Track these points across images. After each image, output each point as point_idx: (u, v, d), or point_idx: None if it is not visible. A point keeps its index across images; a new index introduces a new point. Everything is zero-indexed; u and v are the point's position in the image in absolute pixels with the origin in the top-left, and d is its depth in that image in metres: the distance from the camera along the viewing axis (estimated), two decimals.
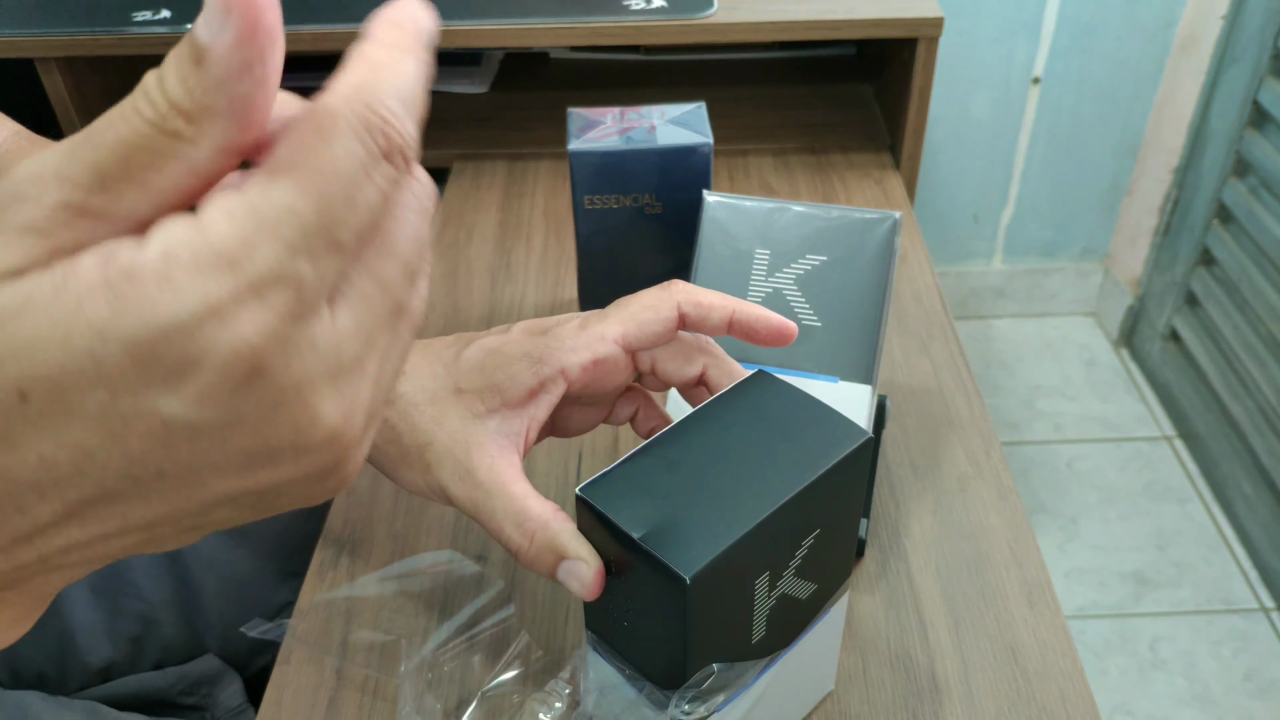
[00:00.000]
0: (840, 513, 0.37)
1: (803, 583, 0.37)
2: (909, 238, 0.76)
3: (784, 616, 0.37)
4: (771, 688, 0.39)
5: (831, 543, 0.37)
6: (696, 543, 0.32)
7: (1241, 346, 1.39)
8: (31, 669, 0.56)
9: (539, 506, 0.36)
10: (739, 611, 0.35)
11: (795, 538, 0.35)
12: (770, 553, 0.34)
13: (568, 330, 0.39)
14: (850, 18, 0.82)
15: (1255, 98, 1.34)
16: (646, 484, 0.34)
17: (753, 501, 0.33)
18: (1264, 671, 1.24)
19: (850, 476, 0.36)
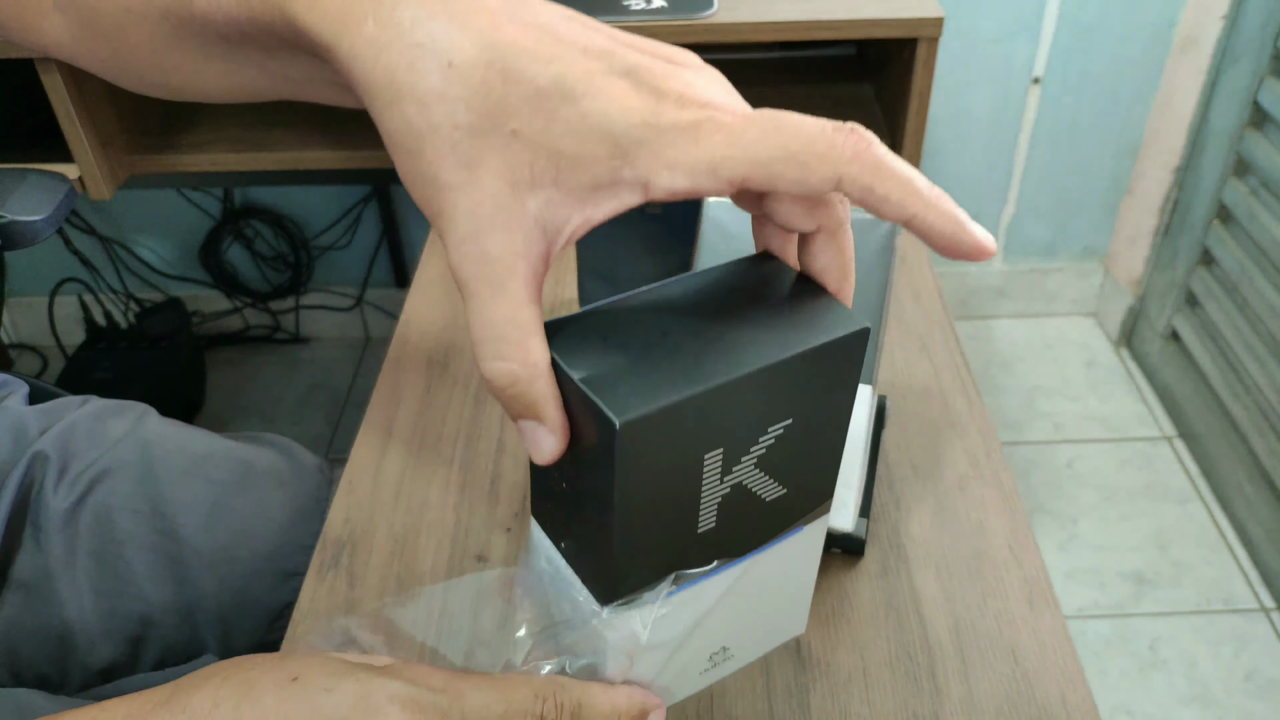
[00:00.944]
0: (821, 411, 0.33)
1: (767, 480, 0.33)
2: (909, 238, 0.76)
3: (740, 515, 0.33)
4: (726, 602, 0.36)
5: (807, 445, 0.33)
6: (641, 392, 0.28)
7: (1241, 346, 1.39)
8: (32, 670, 0.56)
9: (539, 352, 0.29)
10: (683, 488, 0.31)
11: (761, 420, 0.31)
12: (727, 427, 0.30)
13: (682, 134, 0.28)
14: (850, 18, 0.82)
15: (1255, 98, 1.34)
16: (608, 331, 0.30)
17: (717, 364, 0.29)
18: (1264, 671, 1.24)
19: (838, 369, 0.32)
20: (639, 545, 0.32)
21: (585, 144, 0.28)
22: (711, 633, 0.37)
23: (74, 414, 0.63)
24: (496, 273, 0.29)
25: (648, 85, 0.29)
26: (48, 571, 0.57)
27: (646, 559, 0.32)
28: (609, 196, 0.29)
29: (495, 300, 0.29)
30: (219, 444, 0.64)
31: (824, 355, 0.31)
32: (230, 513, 0.60)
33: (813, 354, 0.30)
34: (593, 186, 0.29)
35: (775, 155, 0.28)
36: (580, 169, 0.28)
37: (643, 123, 0.28)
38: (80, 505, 0.58)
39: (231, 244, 1.70)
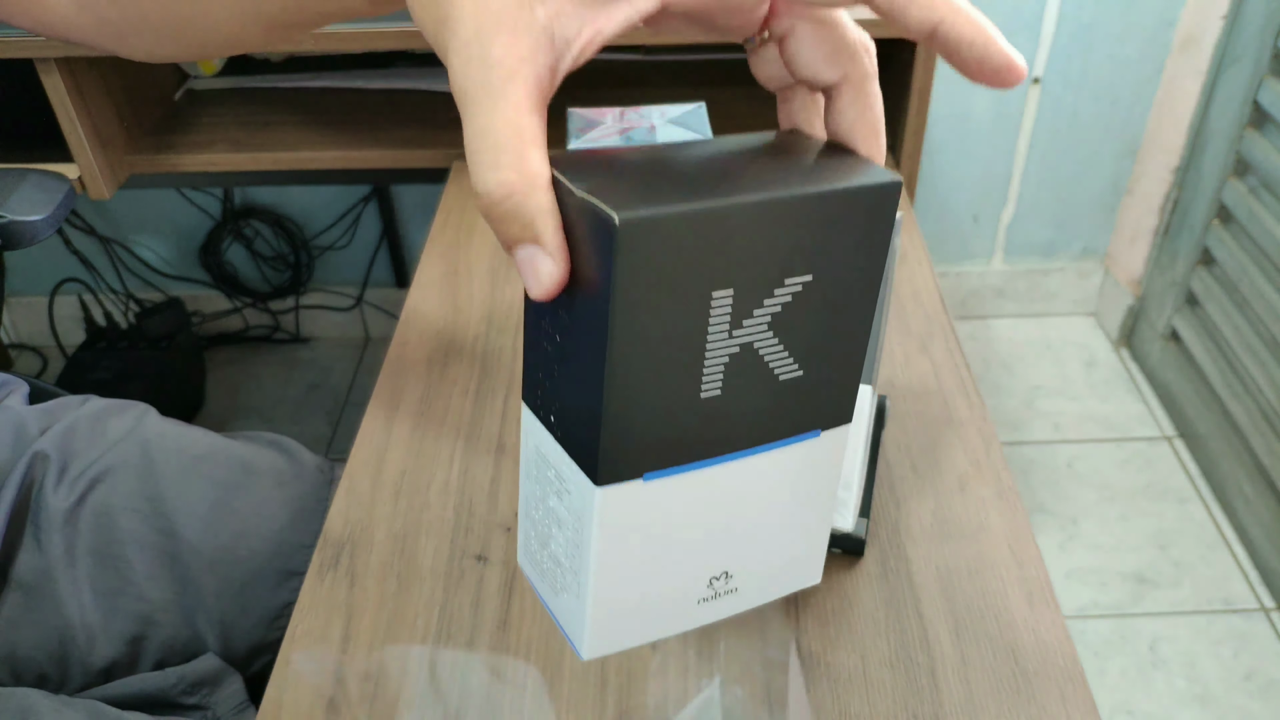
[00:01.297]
0: (846, 276, 0.30)
1: (780, 351, 0.30)
2: (909, 238, 0.76)
3: (749, 391, 0.30)
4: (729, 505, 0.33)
5: (828, 319, 0.30)
6: (647, 201, 0.26)
7: (1241, 346, 1.39)
8: (32, 669, 0.56)
9: (539, 163, 0.27)
10: (687, 331, 0.28)
11: (778, 265, 0.28)
12: (740, 263, 0.28)
13: None
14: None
15: (1255, 97, 1.34)
16: (614, 161, 0.28)
17: (733, 188, 0.27)
18: (1264, 671, 1.24)
19: (865, 224, 0.29)
20: (635, 400, 0.29)
21: None
22: (713, 544, 0.33)
23: (74, 414, 0.63)
24: (498, 77, 0.27)
25: None
26: (48, 571, 0.57)
27: (643, 425, 0.29)
28: (621, 5, 0.28)
29: (496, 107, 0.27)
30: (219, 443, 0.64)
31: (850, 201, 0.28)
32: (230, 512, 0.61)
33: (836, 197, 0.28)
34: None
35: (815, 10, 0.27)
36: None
37: None
38: (80, 505, 0.58)
39: (231, 244, 1.70)
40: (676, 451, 0.30)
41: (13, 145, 1.01)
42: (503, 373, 0.64)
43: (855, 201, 0.28)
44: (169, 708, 0.57)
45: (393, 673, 0.47)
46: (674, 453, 0.30)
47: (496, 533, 0.54)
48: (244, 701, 0.58)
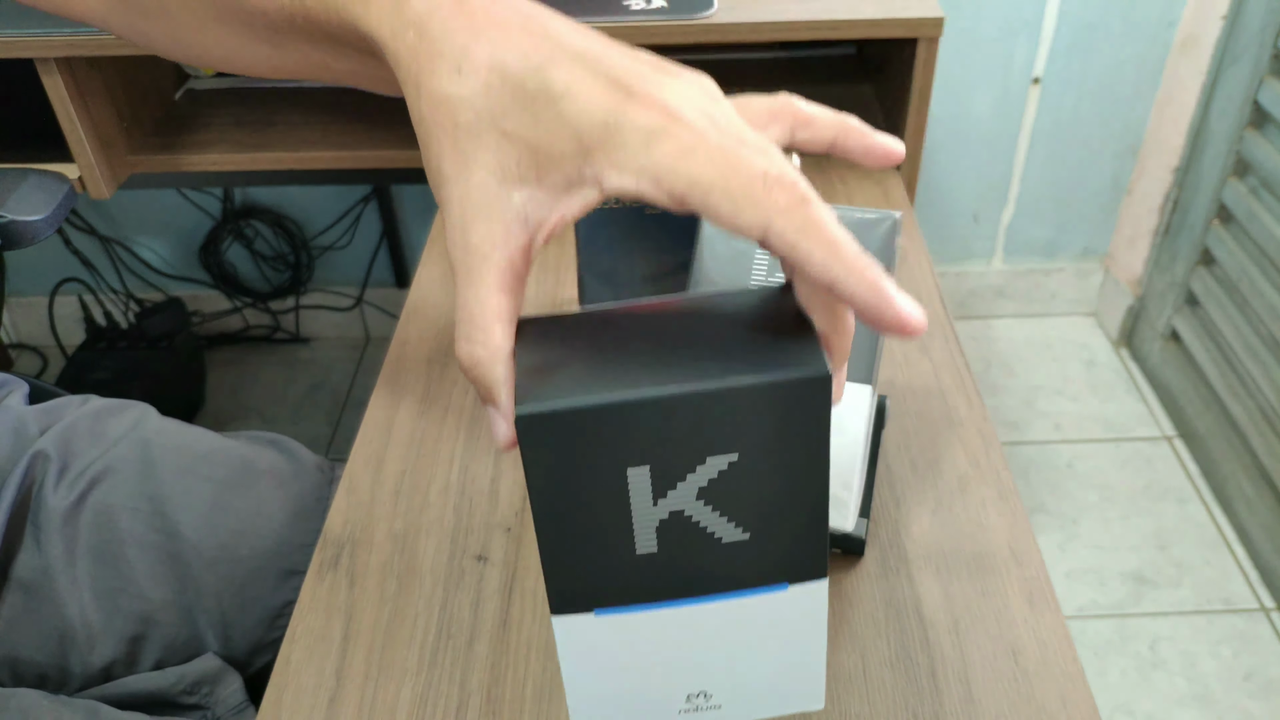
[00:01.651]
0: (780, 455, 0.31)
1: (717, 517, 0.32)
2: (909, 238, 0.76)
3: (691, 549, 0.32)
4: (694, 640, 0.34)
5: (769, 490, 0.31)
6: (560, 391, 0.29)
7: (1241, 346, 1.39)
8: (33, 669, 0.57)
9: (500, 338, 0.31)
10: (608, 499, 0.30)
11: (696, 447, 0.30)
12: (651, 446, 0.29)
13: (636, 136, 0.30)
14: (850, 18, 0.82)
15: (1255, 97, 1.34)
16: (582, 332, 0.31)
17: (652, 378, 0.29)
18: (1264, 671, 1.24)
19: (791, 413, 0.30)
20: (569, 551, 0.31)
21: (558, 141, 0.30)
22: (685, 669, 0.35)
23: (74, 413, 0.63)
24: (475, 261, 0.31)
25: (623, 86, 0.30)
26: (48, 571, 0.57)
27: (584, 572, 0.32)
28: (577, 194, 0.31)
29: (471, 286, 0.31)
30: (219, 443, 0.64)
31: (771, 394, 0.29)
32: (231, 511, 0.61)
33: (756, 390, 0.29)
34: (565, 184, 0.31)
35: (714, 184, 0.29)
36: (555, 166, 0.31)
37: (604, 121, 0.30)
38: (80, 504, 0.58)
39: (231, 244, 1.70)
40: (625, 594, 0.33)
41: (13, 145, 1.01)
42: None
43: (777, 394, 0.29)
44: (169, 707, 0.57)
45: (393, 673, 0.47)
46: (622, 595, 0.33)
47: (497, 533, 0.54)
48: (244, 701, 0.58)
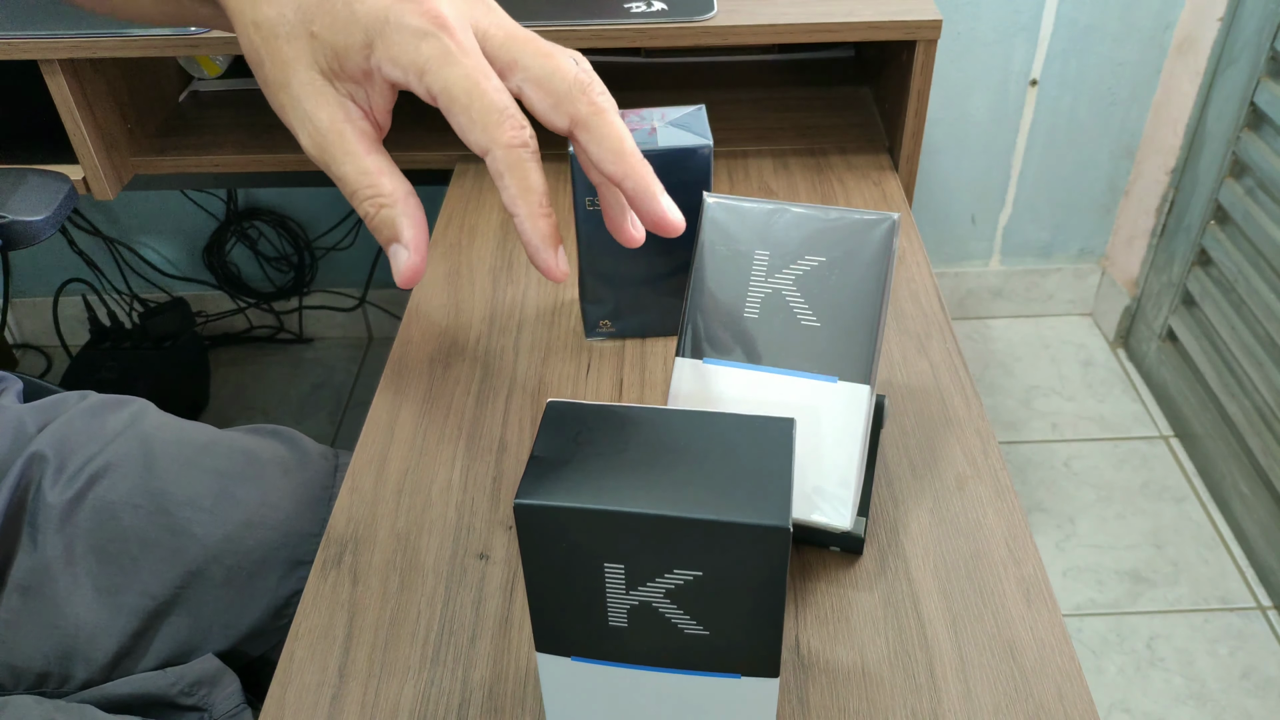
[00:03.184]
0: (739, 580, 0.34)
1: (680, 614, 0.35)
2: (907, 239, 0.77)
3: (656, 632, 0.36)
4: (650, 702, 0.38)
5: (728, 605, 0.34)
6: (560, 488, 0.33)
7: (1238, 347, 1.39)
8: (32, 669, 0.57)
9: (390, 185, 0.37)
10: (586, 580, 0.35)
11: (663, 559, 0.34)
12: (625, 550, 0.34)
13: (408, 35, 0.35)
14: (849, 20, 0.82)
15: (1252, 99, 1.35)
16: (596, 430, 0.35)
17: (635, 494, 0.33)
18: (1261, 669, 1.24)
19: (747, 551, 0.33)
20: (551, 609, 0.36)
21: (350, 36, 0.35)
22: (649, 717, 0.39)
23: (70, 410, 0.63)
24: (334, 138, 0.36)
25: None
26: (46, 571, 0.57)
27: (562, 627, 0.36)
28: (373, 81, 0.36)
29: (348, 158, 0.36)
30: (220, 435, 0.64)
31: (732, 532, 0.32)
32: (236, 502, 0.60)
33: (718, 527, 0.32)
34: (364, 73, 0.36)
35: (458, 99, 0.35)
36: (350, 58, 0.36)
37: (384, 18, 0.35)
38: (79, 501, 0.58)
39: (235, 245, 1.71)
40: (599, 650, 0.37)
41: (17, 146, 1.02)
42: (505, 373, 0.65)
43: (736, 534, 0.32)
44: (167, 708, 0.57)
45: (395, 670, 0.48)
46: (596, 650, 0.37)
47: (499, 531, 0.54)
48: (241, 704, 0.58)
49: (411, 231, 0.36)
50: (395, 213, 0.36)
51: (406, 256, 0.36)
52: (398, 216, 0.36)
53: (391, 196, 0.36)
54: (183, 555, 0.58)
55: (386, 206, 0.36)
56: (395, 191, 0.37)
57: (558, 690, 0.39)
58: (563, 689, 0.39)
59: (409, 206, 0.37)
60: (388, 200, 0.36)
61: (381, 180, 0.37)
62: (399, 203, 0.37)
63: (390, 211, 0.36)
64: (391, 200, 0.36)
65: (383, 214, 0.36)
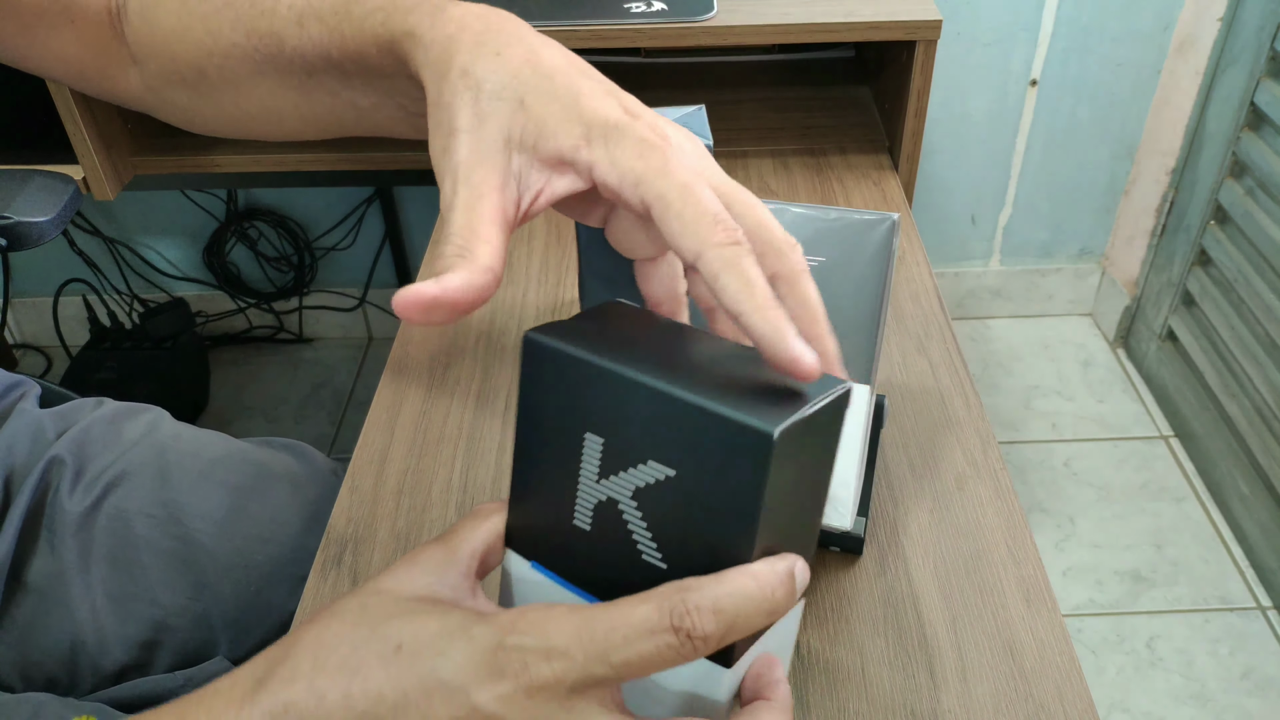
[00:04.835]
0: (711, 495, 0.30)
1: (643, 525, 0.32)
2: (907, 239, 0.77)
3: (613, 552, 0.33)
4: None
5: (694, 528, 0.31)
6: (566, 338, 0.33)
7: (1238, 346, 1.39)
8: (42, 673, 0.57)
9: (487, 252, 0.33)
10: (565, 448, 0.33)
11: (646, 443, 0.31)
12: (611, 421, 0.32)
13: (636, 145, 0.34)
14: (849, 20, 0.82)
15: (1252, 99, 1.35)
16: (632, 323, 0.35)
17: (638, 365, 0.31)
18: (1261, 669, 1.24)
19: (731, 455, 0.30)
20: (529, 490, 0.34)
21: (566, 125, 0.34)
22: None
23: (89, 417, 0.63)
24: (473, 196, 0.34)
25: (633, 113, 0.36)
26: (61, 576, 0.57)
27: (532, 521, 0.34)
28: (563, 175, 0.35)
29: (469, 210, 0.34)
30: (234, 447, 0.65)
31: (709, 424, 0.30)
32: (246, 517, 0.61)
33: (696, 412, 0.30)
34: (557, 158, 0.35)
35: (673, 205, 0.33)
36: (553, 139, 0.34)
37: (615, 124, 0.34)
38: (96, 509, 0.58)
39: (235, 245, 1.71)
40: (557, 561, 0.35)
41: (18, 147, 1.02)
42: (504, 373, 0.65)
43: (720, 428, 0.30)
44: None
45: None
46: (556, 561, 0.35)
47: None
48: None
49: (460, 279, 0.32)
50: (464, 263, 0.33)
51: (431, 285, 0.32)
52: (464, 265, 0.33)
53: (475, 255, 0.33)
54: (193, 567, 0.58)
55: (463, 258, 0.33)
56: (483, 258, 0.33)
57: (514, 597, 0.36)
58: (518, 598, 0.36)
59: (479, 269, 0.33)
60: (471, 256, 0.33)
61: (481, 244, 0.33)
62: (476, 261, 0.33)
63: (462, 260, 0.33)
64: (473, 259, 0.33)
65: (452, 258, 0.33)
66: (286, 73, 0.43)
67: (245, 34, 0.43)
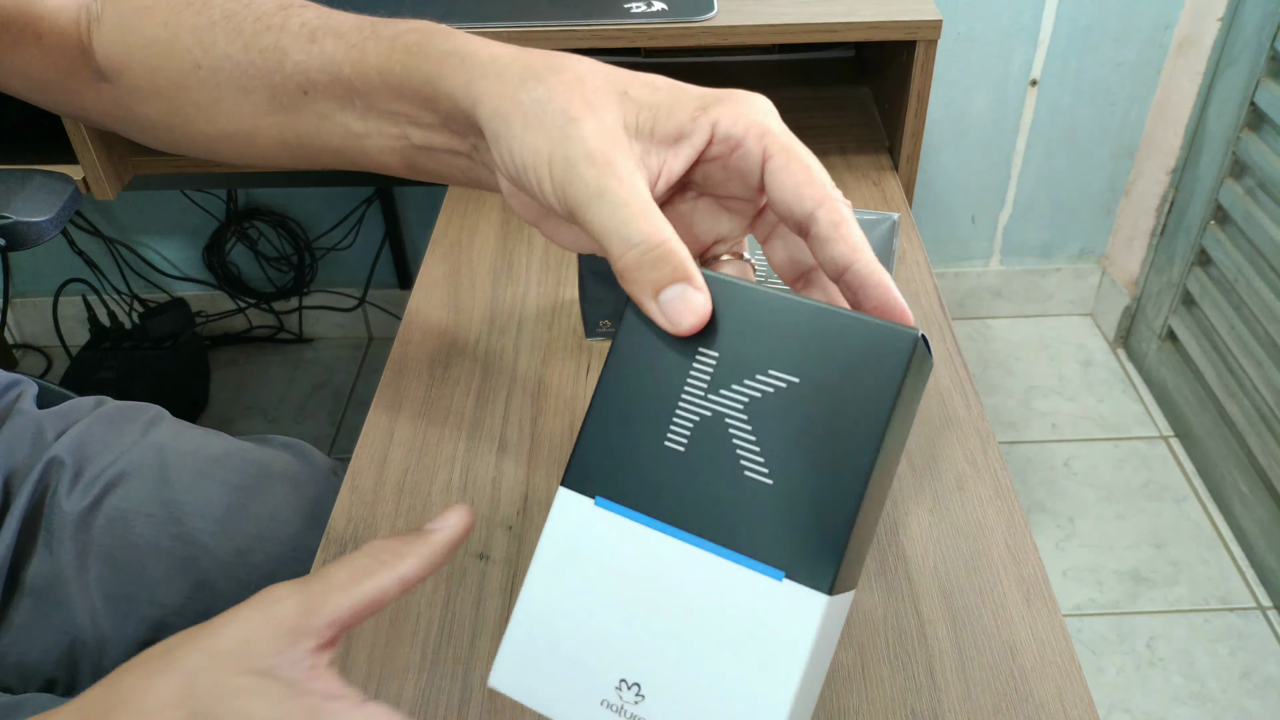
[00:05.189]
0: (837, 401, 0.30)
1: (750, 441, 0.31)
2: (907, 238, 0.77)
3: (711, 470, 0.31)
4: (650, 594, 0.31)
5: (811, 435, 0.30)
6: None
7: (1238, 346, 1.39)
8: (40, 674, 0.57)
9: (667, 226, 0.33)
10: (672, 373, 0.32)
11: (766, 352, 0.31)
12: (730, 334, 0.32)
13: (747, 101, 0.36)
14: (849, 20, 0.82)
15: (1252, 99, 1.35)
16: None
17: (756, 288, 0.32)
18: (1260, 669, 1.24)
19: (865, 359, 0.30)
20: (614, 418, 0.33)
21: (679, 102, 0.35)
22: (637, 629, 0.31)
23: (88, 417, 0.63)
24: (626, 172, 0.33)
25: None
26: (59, 577, 0.57)
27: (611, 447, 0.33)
28: (684, 145, 0.35)
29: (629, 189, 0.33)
30: (234, 446, 0.65)
31: (854, 328, 0.31)
32: (247, 516, 0.61)
33: (838, 317, 0.31)
34: (677, 134, 0.35)
35: (796, 157, 0.35)
36: (672, 118, 0.35)
37: (718, 95, 0.36)
38: (94, 510, 0.58)
39: (235, 245, 1.71)
40: (632, 491, 0.32)
41: (17, 146, 1.02)
42: (504, 373, 0.65)
43: (862, 330, 0.30)
44: None
45: (395, 670, 0.48)
46: (630, 491, 0.32)
47: (499, 531, 0.54)
48: None
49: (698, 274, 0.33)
50: (683, 249, 0.33)
51: (702, 298, 0.32)
52: (685, 253, 0.32)
53: (669, 236, 0.33)
54: (193, 566, 0.59)
55: (674, 239, 0.32)
56: (675, 239, 0.33)
57: (560, 547, 0.33)
58: (567, 547, 0.33)
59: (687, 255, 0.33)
60: (673, 233, 0.33)
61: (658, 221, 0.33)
62: (676, 241, 0.33)
63: (679, 247, 0.32)
64: (675, 235, 0.33)
65: (667, 246, 0.32)
66: (279, 91, 0.42)
67: (243, 47, 0.42)
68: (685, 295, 0.32)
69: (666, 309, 0.32)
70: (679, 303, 0.32)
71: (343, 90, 0.41)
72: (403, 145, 0.41)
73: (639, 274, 0.32)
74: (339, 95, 0.41)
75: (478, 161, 0.40)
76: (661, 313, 0.32)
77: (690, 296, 0.32)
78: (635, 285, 0.33)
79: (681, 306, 0.32)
